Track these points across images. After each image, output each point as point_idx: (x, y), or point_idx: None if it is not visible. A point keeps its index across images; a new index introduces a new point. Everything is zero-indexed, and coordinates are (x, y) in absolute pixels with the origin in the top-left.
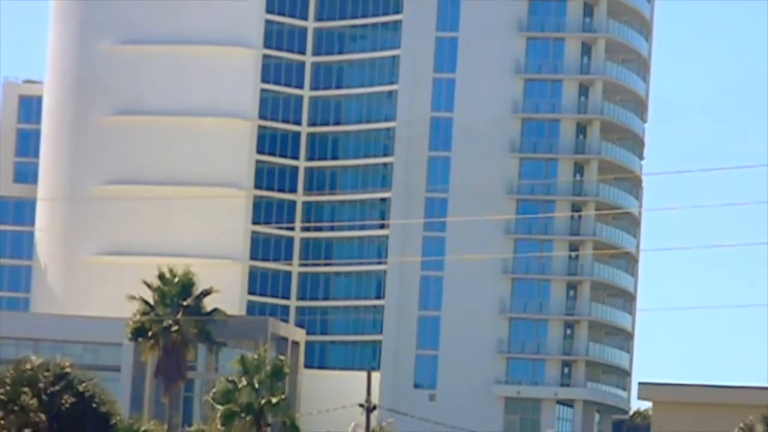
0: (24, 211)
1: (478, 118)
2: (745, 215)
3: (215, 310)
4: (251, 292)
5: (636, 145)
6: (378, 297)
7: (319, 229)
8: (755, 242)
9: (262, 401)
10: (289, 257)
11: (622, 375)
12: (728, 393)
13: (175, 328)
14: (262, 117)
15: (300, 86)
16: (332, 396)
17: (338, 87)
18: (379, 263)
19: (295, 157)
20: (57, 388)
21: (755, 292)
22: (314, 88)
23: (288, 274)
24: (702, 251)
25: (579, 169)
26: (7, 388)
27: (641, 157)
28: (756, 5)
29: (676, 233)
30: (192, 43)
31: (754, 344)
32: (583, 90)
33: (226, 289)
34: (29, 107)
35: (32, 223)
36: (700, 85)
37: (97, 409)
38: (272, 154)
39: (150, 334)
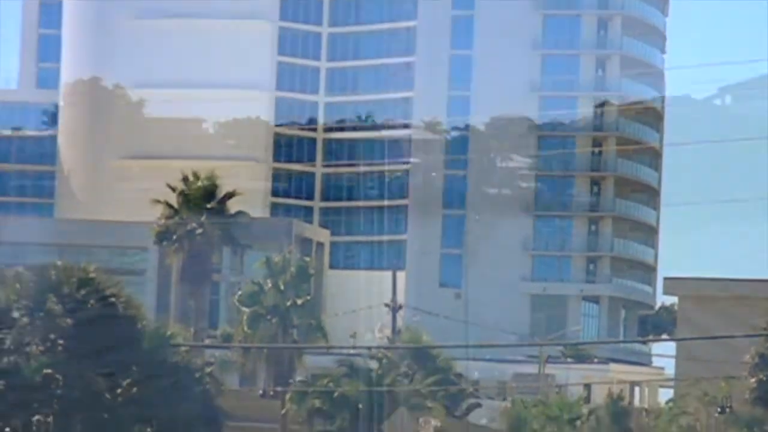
0: (47, 116)
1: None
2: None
3: (239, 212)
4: (275, 194)
5: (658, 39)
6: (402, 197)
7: (342, 129)
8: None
9: (288, 303)
10: (312, 159)
11: (648, 270)
12: (753, 286)
13: (199, 231)
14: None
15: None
16: (358, 296)
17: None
18: (404, 163)
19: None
20: (82, 293)
21: None
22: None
23: (311, 175)
24: (726, 144)
25: (601, 63)
26: (32, 293)
27: (663, 51)
28: None
29: (699, 126)
30: None
31: None
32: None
33: (249, 192)
34: (50, 12)
35: (55, 128)
36: None
37: (123, 314)
38: (294, 55)
39: (175, 237)
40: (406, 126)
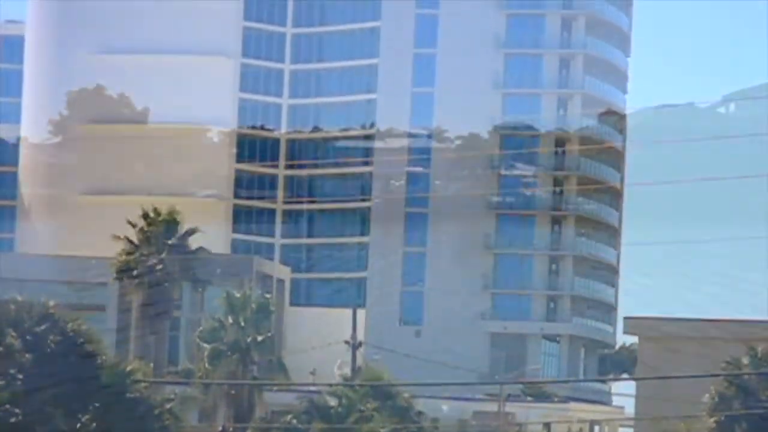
0: (7, 151)
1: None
2: (731, 148)
3: (200, 248)
4: (236, 231)
5: (619, 80)
6: (363, 234)
7: (303, 166)
8: (741, 175)
9: (248, 339)
10: (273, 195)
11: (608, 310)
12: (714, 326)
13: (159, 267)
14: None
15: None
16: (318, 333)
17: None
18: (363, 200)
19: (281, 60)
20: (42, 328)
21: (743, 224)
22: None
23: (272, 211)
24: (686, 185)
25: (563, 103)
26: None
27: (625, 92)
28: None
29: (659, 167)
30: None
31: (737, 277)
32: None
33: (210, 228)
34: (11, 47)
35: (16, 163)
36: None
37: (83, 349)
38: (256, 92)
39: (135, 273)
40: (366, 163)
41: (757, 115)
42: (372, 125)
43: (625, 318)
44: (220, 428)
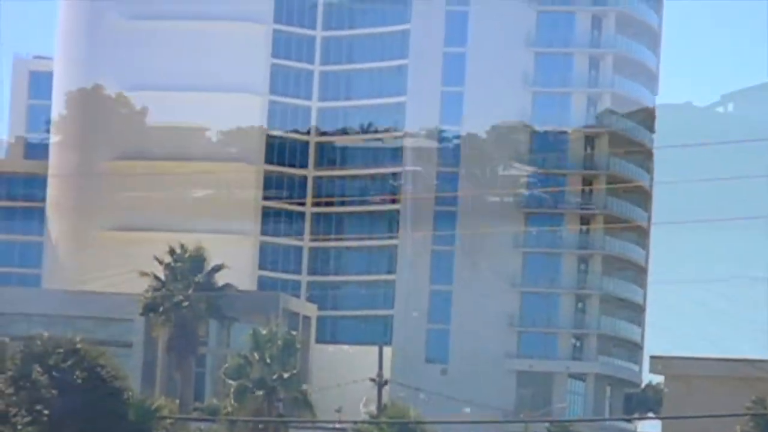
0: (35, 187)
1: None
2: (756, 185)
3: (226, 285)
4: (262, 268)
5: (649, 119)
6: (389, 272)
7: (330, 203)
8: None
9: (274, 376)
10: (299, 232)
11: (634, 349)
12: (740, 366)
13: (186, 303)
14: (273, 92)
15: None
16: (344, 371)
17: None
18: (390, 238)
19: (309, 96)
20: (68, 363)
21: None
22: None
23: (299, 249)
24: (714, 222)
25: (590, 141)
26: (18, 364)
27: (653, 131)
28: None
29: (687, 205)
30: (205, 19)
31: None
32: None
33: (237, 265)
34: (39, 83)
35: (43, 199)
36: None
37: (109, 385)
38: (284, 128)
39: (161, 309)
40: (393, 201)
41: (756, 115)
42: (399, 163)
43: (652, 357)
44: None
